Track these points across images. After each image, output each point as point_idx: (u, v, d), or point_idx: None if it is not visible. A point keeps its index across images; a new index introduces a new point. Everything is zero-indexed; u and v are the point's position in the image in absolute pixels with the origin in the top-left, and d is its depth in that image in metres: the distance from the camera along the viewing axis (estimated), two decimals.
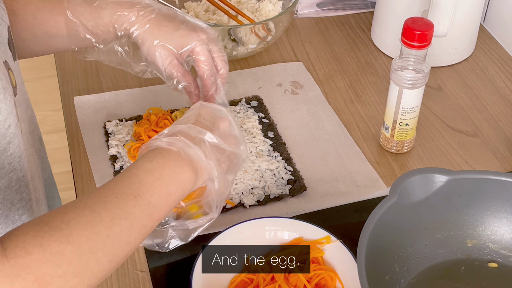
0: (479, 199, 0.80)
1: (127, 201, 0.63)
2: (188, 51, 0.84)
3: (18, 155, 0.72)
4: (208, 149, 0.70)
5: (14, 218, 0.75)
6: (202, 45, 0.84)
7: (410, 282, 0.77)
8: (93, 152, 0.98)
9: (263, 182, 0.93)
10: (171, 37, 0.83)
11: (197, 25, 0.85)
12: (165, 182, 0.66)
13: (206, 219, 0.73)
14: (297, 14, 1.29)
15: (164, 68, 0.84)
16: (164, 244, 0.73)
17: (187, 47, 0.83)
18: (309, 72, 1.14)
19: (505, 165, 0.98)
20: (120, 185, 0.64)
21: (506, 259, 0.80)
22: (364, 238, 0.70)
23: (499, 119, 1.06)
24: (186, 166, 0.68)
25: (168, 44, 0.83)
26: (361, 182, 0.94)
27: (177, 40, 0.83)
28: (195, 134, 0.71)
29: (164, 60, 0.83)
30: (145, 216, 0.64)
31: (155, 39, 0.83)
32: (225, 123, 0.75)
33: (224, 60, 0.86)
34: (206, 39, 0.84)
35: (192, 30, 0.84)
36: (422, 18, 0.88)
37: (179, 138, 0.69)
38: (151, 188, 0.65)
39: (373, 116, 1.06)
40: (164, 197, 0.66)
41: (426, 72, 0.90)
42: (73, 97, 1.07)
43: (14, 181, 0.73)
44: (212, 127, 0.73)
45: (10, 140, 0.70)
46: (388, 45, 1.19)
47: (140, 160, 0.68)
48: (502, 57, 1.19)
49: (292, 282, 0.77)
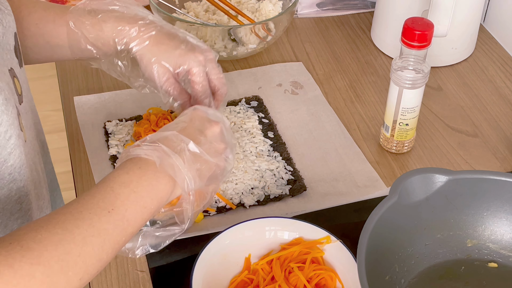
0: (479, 199, 0.80)
1: (100, 216, 0.62)
2: (185, 71, 0.84)
3: (19, 166, 0.72)
4: (189, 158, 0.70)
5: (13, 227, 0.75)
6: (199, 67, 0.84)
7: (410, 282, 0.77)
8: (93, 152, 0.97)
9: (263, 182, 0.93)
10: (169, 56, 0.83)
11: (196, 46, 0.85)
12: (141, 195, 0.66)
13: (177, 230, 0.72)
14: (297, 14, 1.29)
15: (161, 85, 0.84)
16: (134, 250, 0.72)
17: (184, 67, 0.83)
18: (309, 72, 1.14)
19: (505, 165, 0.98)
20: (95, 199, 0.64)
21: (506, 259, 0.80)
22: (364, 238, 0.70)
23: (499, 119, 1.06)
24: (163, 178, 0.68)
25: (165, 62, 0.83)
26: (361, 182, 0.94)
27: (174, 59, 0.83)
28: (178, 143, 0.70)
29: (161, 77, 0.83)
30: (118, 231, 0.64)
31: (153, 56, 0.83)
32: (216, 128, 0.75)
33: (222, 81, 0.86)
34: (203, 61, 0.84)
35: (191, 51, 0.83)
36: (422, 18, 0.88)
37: (159, 147, 0.69)
38: (126, 202, 0.65)
39: (373, 116, 1.06)
40: (139, 211, 0.66)
41: (426, 72, 0.90)
42: (73, 97, 1.07)
43: (14, 191, 0.73)
44: (199, 134, 0.73)
45: (10, 151, 0.70)
46: (388, 45, 1.19)
47: (117, 170, 0.67)
48: (502, 57, 1.19)
49: (292, 282, 0.77)
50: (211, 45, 1.13)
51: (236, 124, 1.01)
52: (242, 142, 0.98)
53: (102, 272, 0.65)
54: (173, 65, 0.83)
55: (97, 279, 0.81)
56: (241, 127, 1.01)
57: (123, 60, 0.86)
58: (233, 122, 1.02)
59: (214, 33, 1.12)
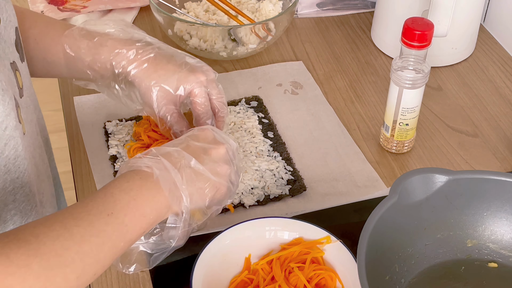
0: (479, 199, 0.80)
1: (99, 218, 0.63)
2: (186, 93, 0.83)
3: (14, 157, 0.72)
4: (189, 175, 0.70)
5: (6, 218, 0.75)
6: (201, 88, 0.83)
7: (410, 282, 0.77)
8: (93, 152, 0.98)
9: (263, 182, 0.93)
10: (169, 79, 0.82)
11: (196, 67, 0.84)
12: (140, 204, 0.66)
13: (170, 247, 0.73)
14: (297, 14, 1.29)
15: (159, 110, 0.83)
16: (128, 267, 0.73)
17: (185, 90, 0.83)
18: (309, 72, 1.14)
19: (505, 165, 0.98)
20: (95, 202, 0.64)
21: (506, 259, 0.80)
22: (364, 238, 0.70)
23: (499, 119, 1.06)
24: (163, 191, 0.68)
25: (166, 85, 0.82)
26: (361, 182, 0.94)
27: (175, 82, 0.82)
28: (179, 159, 0.70)
29: (160, 102, 0.83)
30: (117, 235, 0.64)
31: (152, 80, 0.82)
32: (221, 149, 0.74)
33: (222, 102, 0.86)
34: (205, 81, 0.83)
35: (191, 72, 0.83)
36: (422, 18, 0.88)
37: (160, 160, 0.69)
38: (125, 207, 0.65)
39: (373, 116, 1.06)
40: (138, 218, 0.66)
41: (426, 72, 0.90)
42: (73, 97, 1.07)
43: (8, 182, 0.73)
44: (203, 153, 0.73)
45: (6, 142, 0.70)
46: (388, 45, 1.19)
47: (117, 179, 0.68)
48: (502, 57, 1.18)
49: (292, 282, 0.77)
50: (211, 45, 1.13)
51: (236, 124, 1.01)
52: (242, 142, 0.98)
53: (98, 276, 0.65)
54: (174, 88, 0.82)
55: (97, 279, 0.81)
56: (241, 127, 1.01)
57: (120, 84, 0.85)
58: (233, 122, 1.02)
59: (214, 33, 1.12)
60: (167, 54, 0.84)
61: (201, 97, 0.83)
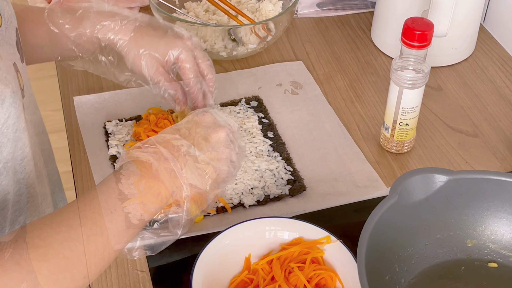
0: (479, 199, 0.80)
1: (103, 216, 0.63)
2: (174, 58, 0.83)
3: (21, 158, 0.72)
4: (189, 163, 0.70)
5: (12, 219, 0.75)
6: (188, 52, 0.83)
7: (410, 282, 0.77)
8: (93, 152, 0.97)
9: (262, 182, 0.93)
10: (157, 45, 0.83)
11: (180, 33, 0.85)
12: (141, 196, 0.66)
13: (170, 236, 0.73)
14: (297, 14, 1.29)
15: (151, 77, 0.83)
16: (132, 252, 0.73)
17: (173, 54, 0.83)
18: (309, 72, 1.14)
19: (505, 165, 0.98)
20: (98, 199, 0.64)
21: (506, 259, 0.80)
22: (364, 238, 0.70)
23: (499, 119, 1.06)
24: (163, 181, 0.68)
25: (154, 52, 0.82)
26: (361, 182, 0.94)
27: (162, 48, 0.83)
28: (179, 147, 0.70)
29: (150, 69, 0.83)
30: (121, 231, 0.64)
31: (140, 48, 0.83)
32: (221, 133, 0.74)
33: (209, 65, 0.86)
34: (191, 45, 0.84)
35: (177, 37, 0.83)
36: (422, 18, 0.88)
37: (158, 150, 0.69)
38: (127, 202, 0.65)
39: (373, 116, 1.06)
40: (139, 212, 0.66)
41: (426, 72, 0.90)
42: (73, 97, 1.07)
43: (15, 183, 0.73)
44: (203, 139, 0.73)
45: (16, 144, 0.70)
46: (388, 45, 1.19)
47: (117, 171, 0.68)
48: (502, 57, 1.19)
49: (292, 282, 0.77)
50: (211, 45, 1.13)
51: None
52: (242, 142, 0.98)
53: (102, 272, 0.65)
54: (162, 54, 0.83)
55: (97, 279, 0.81)
56: (241, 127, 1.01)
57: (108, 56, 0.86)
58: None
59: (214, 33, 1.12)
60: (151, 23, 0.85)
61: (188, 62, 0.84)
